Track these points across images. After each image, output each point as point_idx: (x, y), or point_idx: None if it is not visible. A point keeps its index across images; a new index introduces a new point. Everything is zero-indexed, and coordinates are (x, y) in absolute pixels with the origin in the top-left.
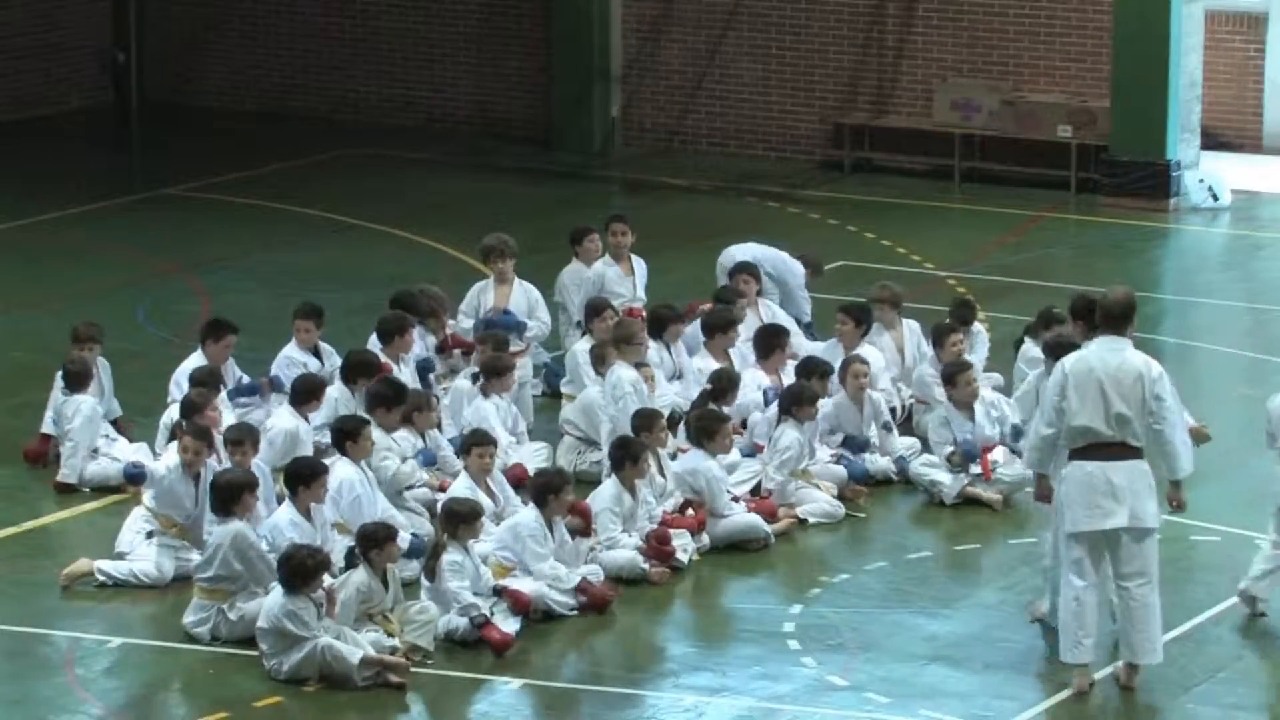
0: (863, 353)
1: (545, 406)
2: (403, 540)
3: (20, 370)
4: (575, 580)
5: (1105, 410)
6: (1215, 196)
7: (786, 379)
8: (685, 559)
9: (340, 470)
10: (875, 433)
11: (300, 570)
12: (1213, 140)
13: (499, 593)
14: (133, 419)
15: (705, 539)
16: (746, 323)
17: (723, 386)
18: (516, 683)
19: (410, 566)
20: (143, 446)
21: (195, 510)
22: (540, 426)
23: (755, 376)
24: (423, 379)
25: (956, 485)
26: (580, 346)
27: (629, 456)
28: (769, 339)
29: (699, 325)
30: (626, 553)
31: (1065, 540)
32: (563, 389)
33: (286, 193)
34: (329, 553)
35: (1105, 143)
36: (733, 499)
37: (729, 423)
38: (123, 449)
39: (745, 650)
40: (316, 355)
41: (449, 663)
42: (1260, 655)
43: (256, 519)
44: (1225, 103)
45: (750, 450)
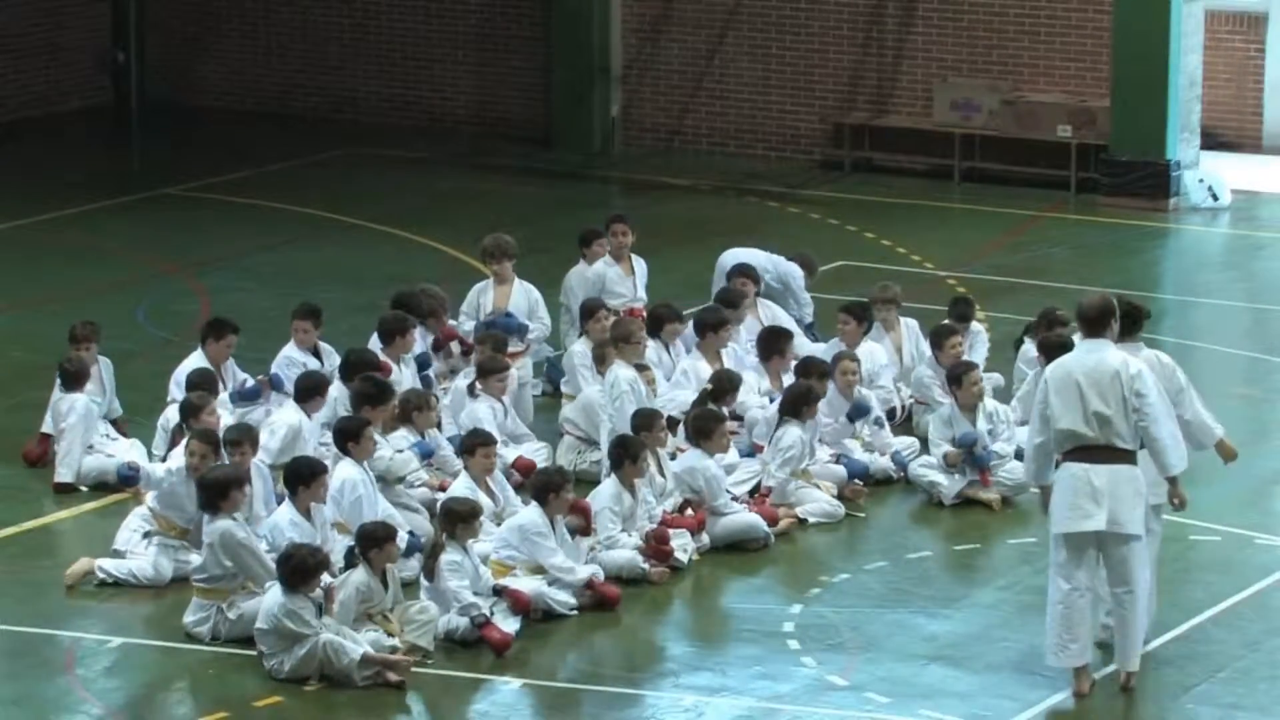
0: (865, 350)
1: (545, 406)
2: (400, 540)
3: (20, 370)
4: (585, 575)
5: (1084, 410)
6: (1215, 196)
7: (786, 379)
8: (685, 559)
9: (342, 470)
10: (868, 429)
11: (301, 569)
12: (1213, 140)
13: (499, 592)
14: (133, 419)
15: (705, 539)
16: (746, 325)
17: (723, 388)
18: (516, 682)
19: (410, 566)
20: (136, 443)
21: (198, 513)
22: (540, 426)
23: (755, 377)
24: (422, 376)
25: (955, 486)
26: (577, 349)
27: (628, 455)
28: (772, 341)
29: (693, 326)
30: (626, 552)
31: (1052, 541)
32: (563, 389)
33: (286, 193)
34: (329, 553)
35: (1105, 142)
36: (733, 499)
37: (725, 422)
38: (118, 447)
39: (745, 650)
40: (316, 355)
41: (449, 662)
42: (1260, 655)
43: (256, 519)
44: (1225, 103)
45: (750, 450)
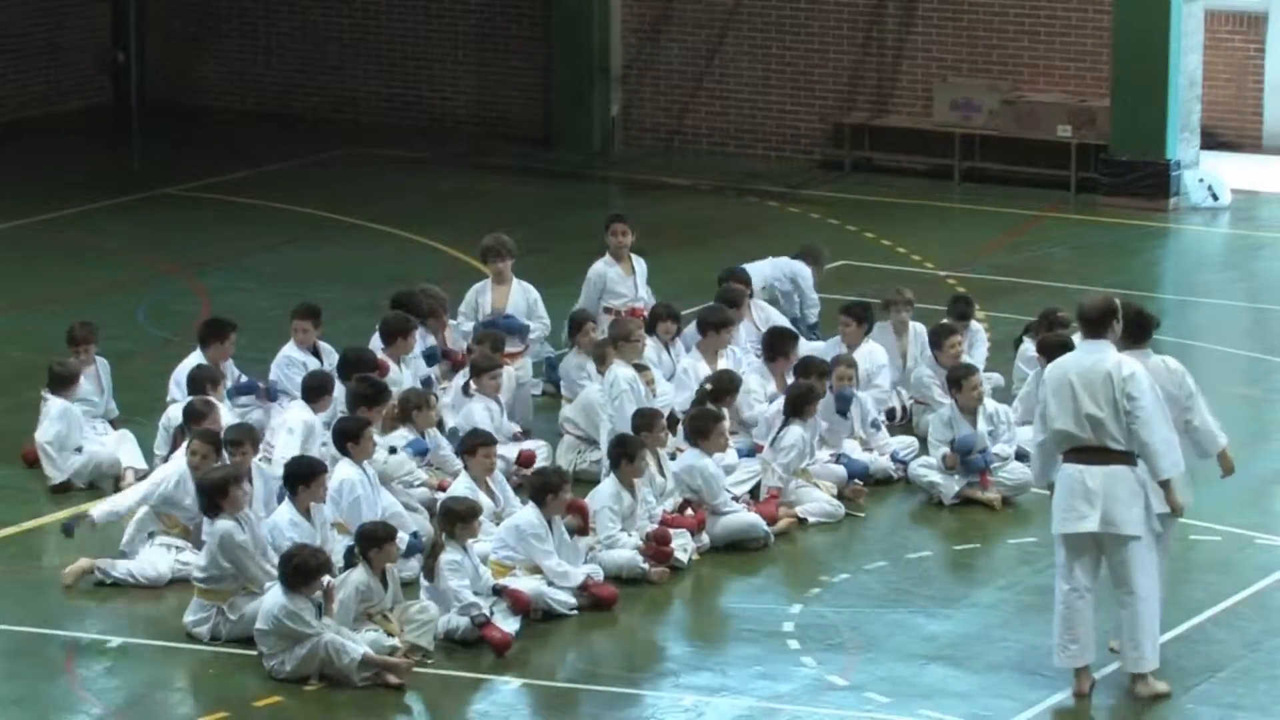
0: (864, 351)
1: (545, 406)
2: (400, 540)
3: (20, 370)
4: (580, 578)
5: (1076, 411)
6: (1215, 196)
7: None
8: (685, 559)
9: (342, 470)
10: (865, 431)
11: (303, 570)
12: (1212, 140)
13: (499, 592)
14: (132, 419)
15: (705, 538)
16: (742, 327)
17: (723, 388)
18: (516, 682)
19: (410, 566)
20: (126, 434)
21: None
22: (540, 426)
23: (756, 379)
24: (429, 366)
25: (955, 486)
26: (570, 361)
27: (625, 454)
28: (778, 343)
29: (695, 324)
30: (626, 552)
31: (1055, 542)
32: (563, 390)
33: (286, 193)
34: (330, 553)
35: (1105, 142)
36: (732, 499)
37: (724, 422)
38: (108, 440)
39: (745, 650)
40: (316, 355)
41: (449, 662)
42: (1260, 655)
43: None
44: (1225, 102)
45: (750, 450)
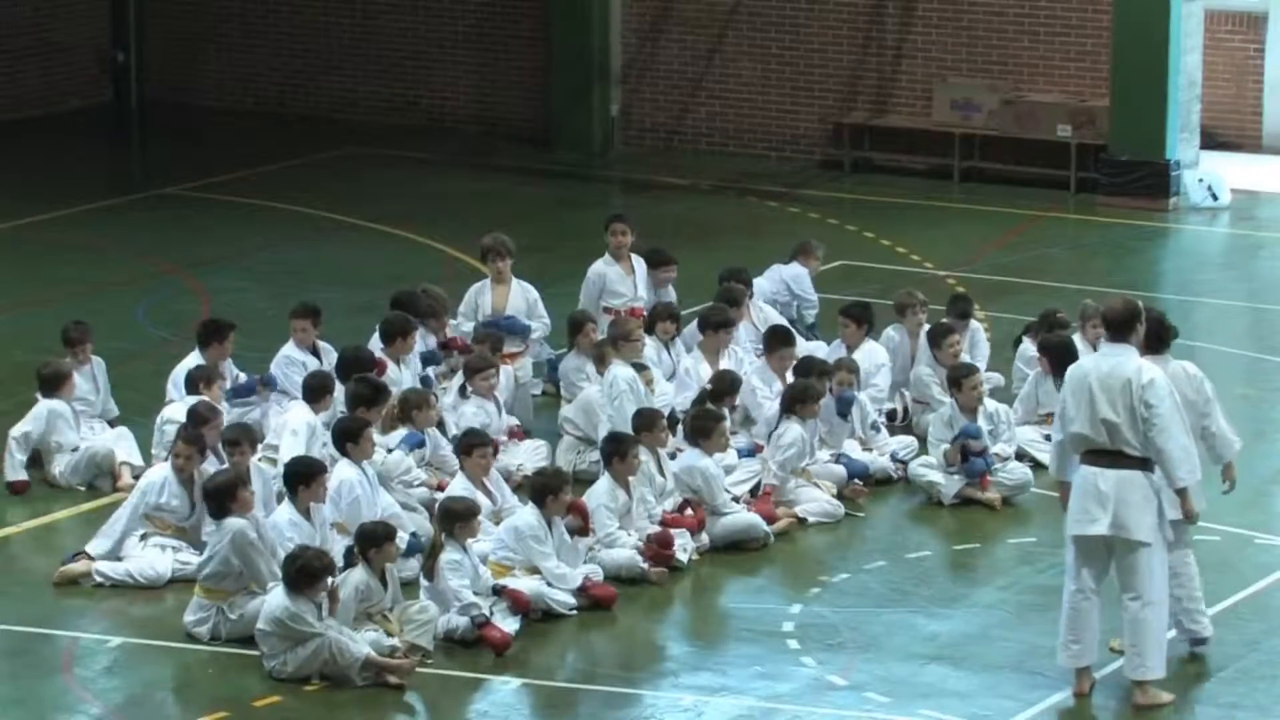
0: (864, 351)
1: (545, 406)
2: (400, 540)
3: (20, 370)
4: (579, 580)
5: (1092, 415)
6: (1215, 196)
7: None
8: (685, 559)
9: (341, 471)
10: (865, 432)
11: (307, 571)
12: (1212, 140)
13: (498, 592)
14: (131, 419)
15: (705, 538)
16: (742, 327)
17: (723, 388)
18: (516, 682)
19: (410, 566)
20: (124, 431)
21: (192, 513)
22: (540, 426)
23: (757, 380)
24: (422, 376)
25: (955, 486)
26: (569, 362)
27: (617, 452)
28: (779, 338)
29: (697, 324)
30: (625, 552)
31: (1066, 543)
32: (562, 391)
33: (286, 193)
34: (330, 553)
35: (1105, 142)
36: (732, 499)
37: (724, 421)
38: (105, 435)
39: (745, 650)
40: (315, 354)
41: (449, 662)
42: (1260, 655)
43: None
44: (1225, 102)
45: (750, 450)
